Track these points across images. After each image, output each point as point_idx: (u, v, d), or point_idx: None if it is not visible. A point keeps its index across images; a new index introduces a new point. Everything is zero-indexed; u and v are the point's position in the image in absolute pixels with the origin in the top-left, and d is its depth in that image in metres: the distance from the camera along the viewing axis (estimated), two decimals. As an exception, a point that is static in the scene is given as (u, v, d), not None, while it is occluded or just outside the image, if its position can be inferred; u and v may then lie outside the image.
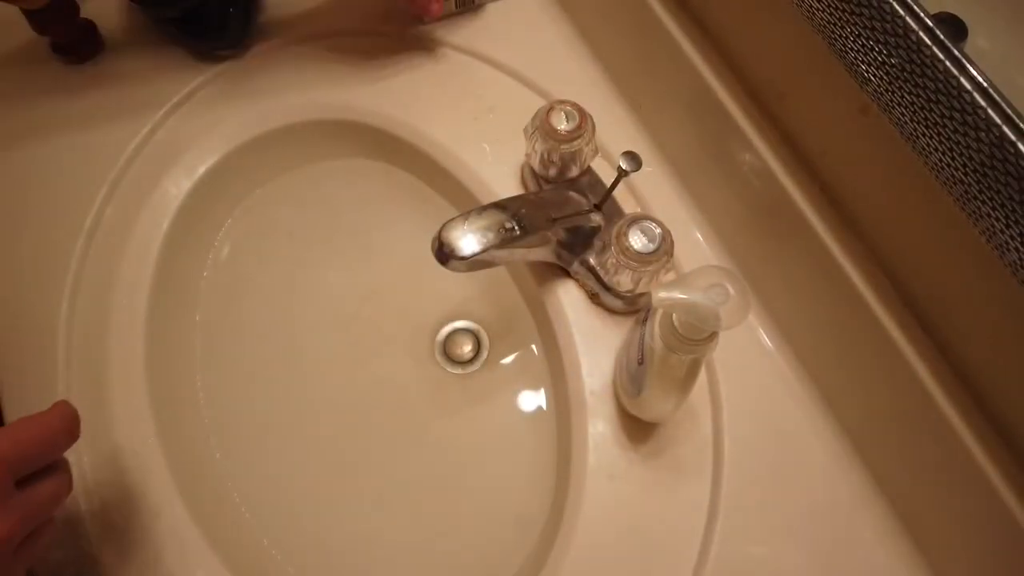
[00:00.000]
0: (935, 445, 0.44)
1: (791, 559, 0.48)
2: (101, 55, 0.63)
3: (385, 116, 0.62)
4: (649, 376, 0.44)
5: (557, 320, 0.55)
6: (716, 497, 0.49)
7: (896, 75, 0.36)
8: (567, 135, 0.51)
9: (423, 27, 0.65)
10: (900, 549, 0.49)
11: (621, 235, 0.48)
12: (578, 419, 0.51)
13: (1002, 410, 0.42)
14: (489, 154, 0.60)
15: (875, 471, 0.50)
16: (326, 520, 0.54)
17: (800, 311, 0.52)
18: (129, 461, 0.49)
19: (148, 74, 0.62)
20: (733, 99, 0.51)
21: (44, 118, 0.60)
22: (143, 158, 0.59)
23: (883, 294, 0.45)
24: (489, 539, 0.54)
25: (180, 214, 0.58)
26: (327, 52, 0.64)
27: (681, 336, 0.40)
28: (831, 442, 0.51)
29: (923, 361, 0.44)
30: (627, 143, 0.59)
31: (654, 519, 0.49)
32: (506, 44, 0.64)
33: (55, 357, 0.52)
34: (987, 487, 0.41)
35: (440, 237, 0.44)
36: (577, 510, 0.49)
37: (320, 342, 0.59)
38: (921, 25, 0.34)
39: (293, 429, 0.56)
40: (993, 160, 0.33)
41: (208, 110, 0.61)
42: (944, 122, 0.34)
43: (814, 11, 0.40)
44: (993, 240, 0.35)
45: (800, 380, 0.53)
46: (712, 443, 0.51)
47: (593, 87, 0.63)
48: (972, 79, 0.33)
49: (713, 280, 0.38)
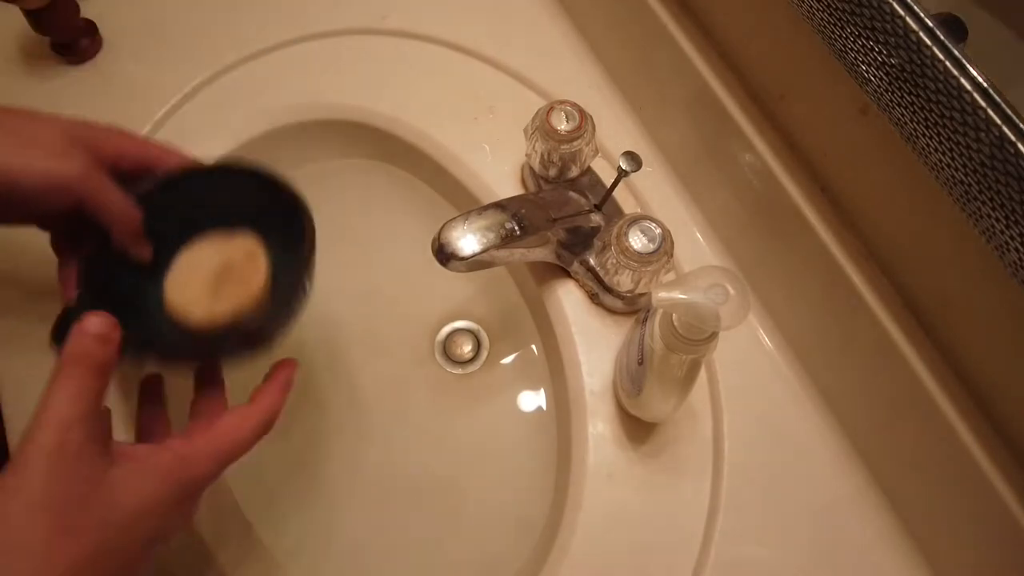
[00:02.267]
0: (935, 445, 0.44)
1: (791, 559, 0.48)
2: (101, 55, 0.63)
3: (385, 116, 0.62)
4: (649, 376, 0.44)
5: (557, 320, 0.55)
6: (716, 497, 0.49)
7: (896, 75, 0.36)
8: (567, 135, 0.51)
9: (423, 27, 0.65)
10: (900, 549, 0.49)
11: (621, 235, 0.48)
12: (578, 419, 0.51)
13: (1002, 410, 0.42)
14: (489, 154, 0.60)
15: (875, 471, 0.50)
16: (325, 519, 0.54)
17: (800, 311, 0.52)
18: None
19: (148, 74, 0.62)
20: (733, 99, 0.51)
21: (44, 118, 0.60)
22: (143, 158, 0.59)
23: (883, 294, 0.45)
24: (489, 538, 0.54)
25: (180, 214, 0.58)
26: (327, 52, 0.64)
27: (681, 336, 0.40)
28: (831, 442, 0.51)
29: (923, 361, 0.44)
30: (627, 143, 0.59)
31: (654, 519, 0.49)
32: (506, 44, 0.64)
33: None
34: (987, 487, 0.41)
35: (440, 237, 0.44)
36: (577, 510, 0.49)
37: (319, 342, 0.59)
38: (921, 25, 0.34)
39: (291, 428, 0.56)
40: (993, 160, 0.33)
41: (208, 110, 0.61)
42: (944, 122, 0.34)
43: (814, 11, 0.40)
44: (993, 240, 0.35)
45: (800, 380, 0.53)
46: (712, 443, 0.51)
47: (593, 87, 0.63)
48: (972, 79, 0.33)
49: (713, 280, 0.38)
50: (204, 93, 0.62)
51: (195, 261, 0.46)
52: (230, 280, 0.45)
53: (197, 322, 0.44)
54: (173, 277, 0.46)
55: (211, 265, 0.46)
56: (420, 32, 0.65)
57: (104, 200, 0.41)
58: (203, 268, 0.46)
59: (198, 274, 0.46)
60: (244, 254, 0.46)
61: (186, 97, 0.61)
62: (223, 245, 0.47)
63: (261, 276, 0.45)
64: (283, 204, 0.45)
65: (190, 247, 0.47)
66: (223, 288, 0.45)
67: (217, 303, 0.45)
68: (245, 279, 0.45)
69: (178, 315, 0.44)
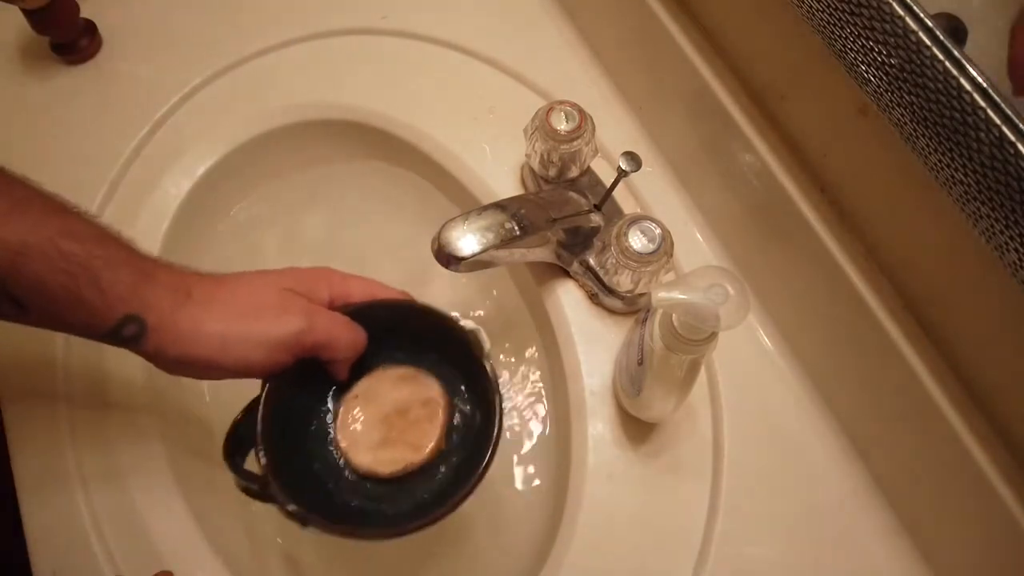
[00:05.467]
0: (934, 444, 0.44)
1: (791, 559, 0.48)
2: (101, 55, 0.63)
3: (385, 116, 0.62)
4: (649, 376, 0.44)
5: (557, 320, 0.55)
6: (716, 497, 0.49)
7: (896, 75, 0.36)
8: (567, 135, 0.51)
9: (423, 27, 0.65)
10: (900, 549, 0.49)
11: (621, 235, 0.48)
12: (578, 419, 0.51)
13: (1002, 410, 0.42)
14: (489, 154, 0.60)
15: (875, 471, 0.50)
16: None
17: (800, 311, 0.52)
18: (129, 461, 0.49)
19: (148, 74, 0.62)
20: (733, 99, 0.51)
21: (44, 117, 0.60)
22: (143, 158, 0.59)
23: (883, 294, 0.45)
24: (488, 539, 0.54)
25: (180, 214, 0.58)
26: (327, 52, 0.64)
27: (681, 336, 0.40)
28: (831, 442, 0.51)
29: (922, 361, 0.44)
30: (627, 143, 0.59)
31: (654, 519, 0.49)
32: (506, 44, 0.64)
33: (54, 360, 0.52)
34: (987, 487, 0.41)
35: (440, 237, 0.44)
36: (577, 510, 0.49)
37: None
38: (921, 26, 0.34)
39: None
40: (993, 160, 0.33)
41: (208, 110, 0.61)
42: (944, 122, 0.34)
43: (814, 11, 0.39)
44: (993, 240, 0.35)
45: (800, 380, 0.53)
46: (712, 443, 0.51)
47: (593, 87, 0.63)
48: (972, 79, 0.33)
49: (712, 280, 0.38)
50: (204, 93, 0.62)
51: (373, 390, 0.45)
52: (403, 426, 0.44)
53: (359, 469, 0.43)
54: (347, 406, 0.45)
55: (387, 401, 0.45)
56: (420, 32, 0.65)
57: (331, 340, 0.42)
58: (379, 404, 0.45)
59: (372, 410, 0.45)
60: (422, 401, 0.45)
61: (186, 97, 0.61)
62: (406, 383, 0.45)
63: (436, 434, 0.44)
64: (471, 378, 0.44)
65: (371, 375, 0.46)
66: (393, 437, 0.44)
67: (384, 453, 0.43)
68: (415, 438, 0.44)
69: (345, 455, 0.44)
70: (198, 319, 0.39)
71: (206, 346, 0.39)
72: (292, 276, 0.43)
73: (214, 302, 0.40)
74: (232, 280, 0.42)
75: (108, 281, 0.37)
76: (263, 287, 0.42)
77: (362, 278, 0.46)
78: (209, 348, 0.39)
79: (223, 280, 0.42)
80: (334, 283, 0.44)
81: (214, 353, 0.39)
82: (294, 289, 0.42)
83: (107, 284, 0.37)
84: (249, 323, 0.40)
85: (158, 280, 0.39)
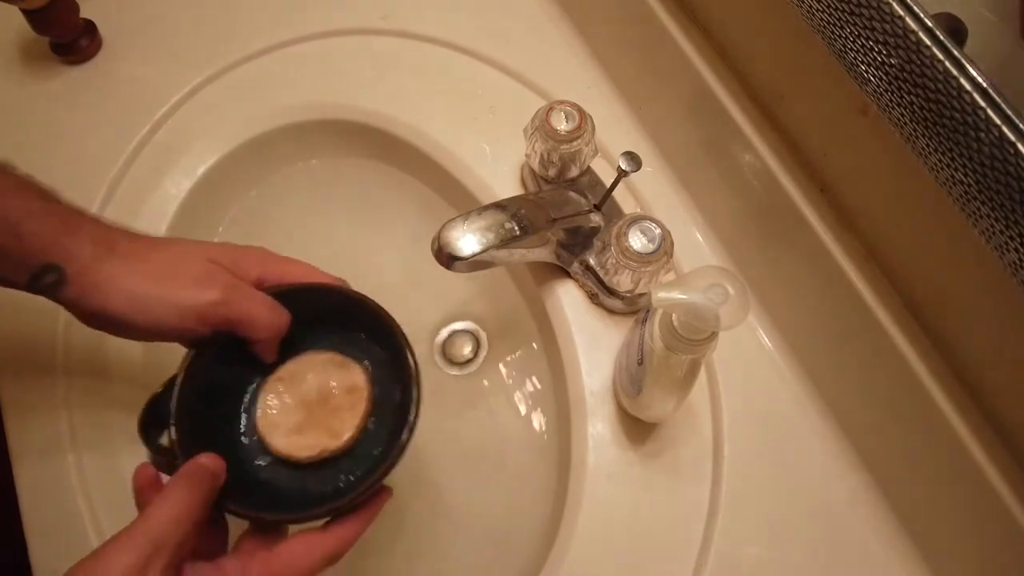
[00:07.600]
0: (935, 445, 0.44)
1: (791, 559, 0.48)
2: (101, 55, 0.63)
3: (385, 116, 0.62)
4: (649, 376, 0.44)
5: (557, 320, 0.55)
6: (716, 497, 0.49)
7: (896, 75, 0.36)
8: (567, 135, 0.51)
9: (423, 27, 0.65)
10: (900, 549, 0.49)
11: (621, 235, 0.48)
12: (578, 419, 0.51)
13: (1001, 410, 0.42)
14: (489, 154, 0.60)
15: (875, 471, 0.50)
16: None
17: (800, 311, 0.52)
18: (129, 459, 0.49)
19: (148, 74, 0.62)
20: (733, 99, 0.51)
21: (44, 117, 0.60)
22: (143, 158, 0.59)
23: (882, 294, 0.45)
24: (488, 539, 0.54)
25: (180, 214, 0.58)
26: (327, 52, 0.64)
27: (681, 336, 0.40)
28: (831, 442, 0.51)
29: (922, 361, 0.44)
30: (627, 143, 0.59)
31: (654, 519, 0.49)
32: (506, 44, 0.64)
33: (54, 360, 0.52)
34: (986, 487, 0.41)
35: (440, 238, 0.44)
36: (577, 510, 0.49)
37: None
38: (921, 26, 0.34)
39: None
40: (993, 160, 0.33)
41: (208, 110, 0.61)
42: (944, 122, 0.34)
43: (814, 11, 0.39)
44: (993, 240, 0.35)
45: (800, 380, 0.53)
46: (712, 443, 0.51)
47: (593, 87, 0.63)
48: (972, 79, 0.33)
49: (712, 280, 0.38)
50: (203, 93, 0.62)
51: (298, 374, 0.44)
52: (323, 412, 0.43)
53: (275, 451, 0.43)
54: (269, 388, 0.44)
55: (311, 386, 0.44)
56: (420, 32, 0.65)
57: (248, 317, 0.41)
58: (301, 388, 0.44)
59: (294, 393, 0.44)
60: (346, 388, 0.44)
61: (185, 97, 0.61)
62: (332, 369, 0.45)
63: (354, 423, 0.43)
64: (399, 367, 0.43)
65: (298, 358, 0.45)
66: (312, 422, 0.43)
67: (301, 438, 0.43)
68: (335, 425, 0.43)
69: (261, 437, 0.43)
70: (116, 274, 0.39)
71: (120, 301, 0.39)
72: (223, 250, 0.43)
73: (135, 259, 0.40)
74: (162, 243, 0.42)
75: (29, 231, 0.38)
76: (190, 254, 0.42)
77: (301, 263, 0.45)
78: (122, 304, 0.39)
79: (153, 242, 0.42)
80: (268, 264, 0.44)
81: (127, 309, 0.39)
82: (220, 262, 0.42)
83: (27, 233, 0.38)
84: (165, 285, 0.40)
85: (83, 231, 0.39)
